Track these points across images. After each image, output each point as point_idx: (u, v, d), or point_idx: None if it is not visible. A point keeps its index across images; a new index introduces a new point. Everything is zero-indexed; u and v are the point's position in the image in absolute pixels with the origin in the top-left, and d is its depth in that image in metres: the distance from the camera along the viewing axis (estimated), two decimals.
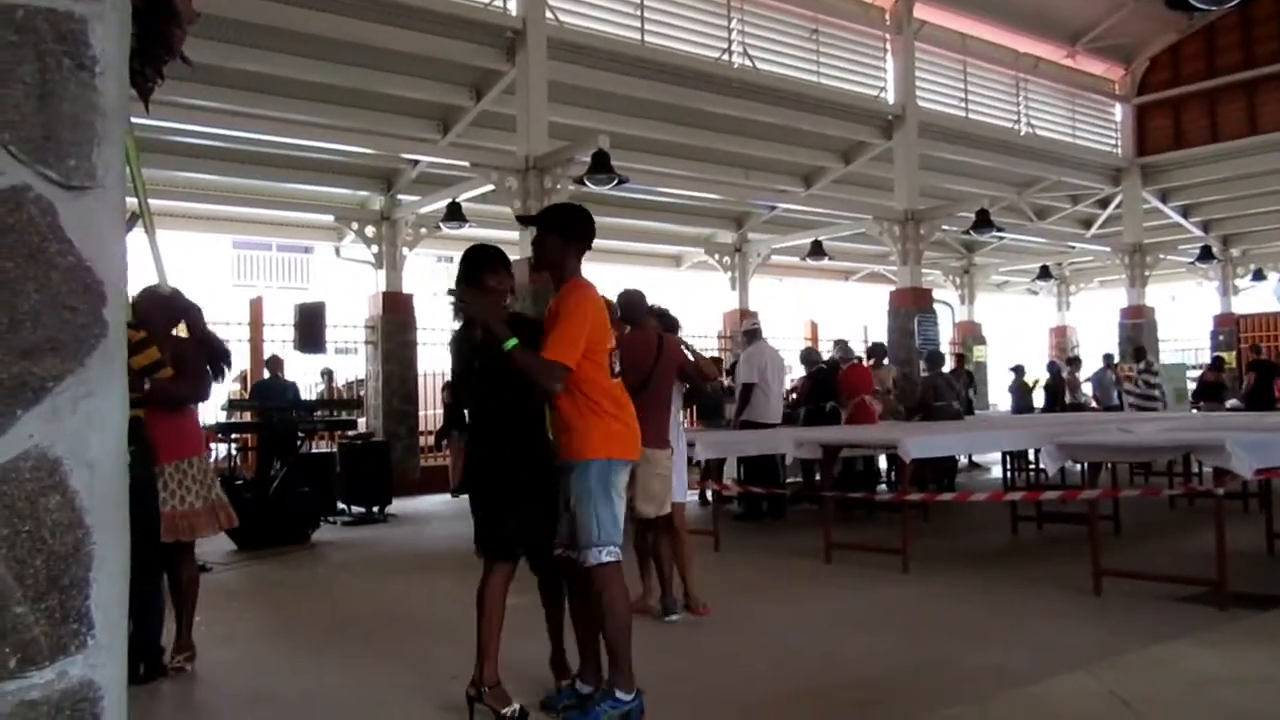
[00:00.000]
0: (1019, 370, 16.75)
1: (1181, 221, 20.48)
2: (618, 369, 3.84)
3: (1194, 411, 14.89)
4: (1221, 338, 20.53)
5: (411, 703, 4.10)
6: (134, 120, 1.39)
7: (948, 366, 13.09)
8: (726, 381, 11.59)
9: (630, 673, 3.68)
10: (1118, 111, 19.79)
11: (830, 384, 10.86)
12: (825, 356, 11.98)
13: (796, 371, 12.80)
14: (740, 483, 9.31)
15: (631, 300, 5.61)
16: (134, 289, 4.49)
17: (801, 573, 7.01)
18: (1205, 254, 18.81)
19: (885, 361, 12.50)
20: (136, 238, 1.79)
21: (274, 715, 4.08)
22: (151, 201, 2.11)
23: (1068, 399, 16.19)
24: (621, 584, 3.73)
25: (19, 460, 1.09)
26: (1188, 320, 22.16)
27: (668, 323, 5.99)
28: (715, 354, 15.22)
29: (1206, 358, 19.10)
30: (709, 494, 9.54)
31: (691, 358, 6.00)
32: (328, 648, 5.14)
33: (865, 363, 11.65)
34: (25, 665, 1.08)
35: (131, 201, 1.41)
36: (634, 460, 3.85)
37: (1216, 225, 21.02)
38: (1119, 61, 19.26)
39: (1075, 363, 17.24)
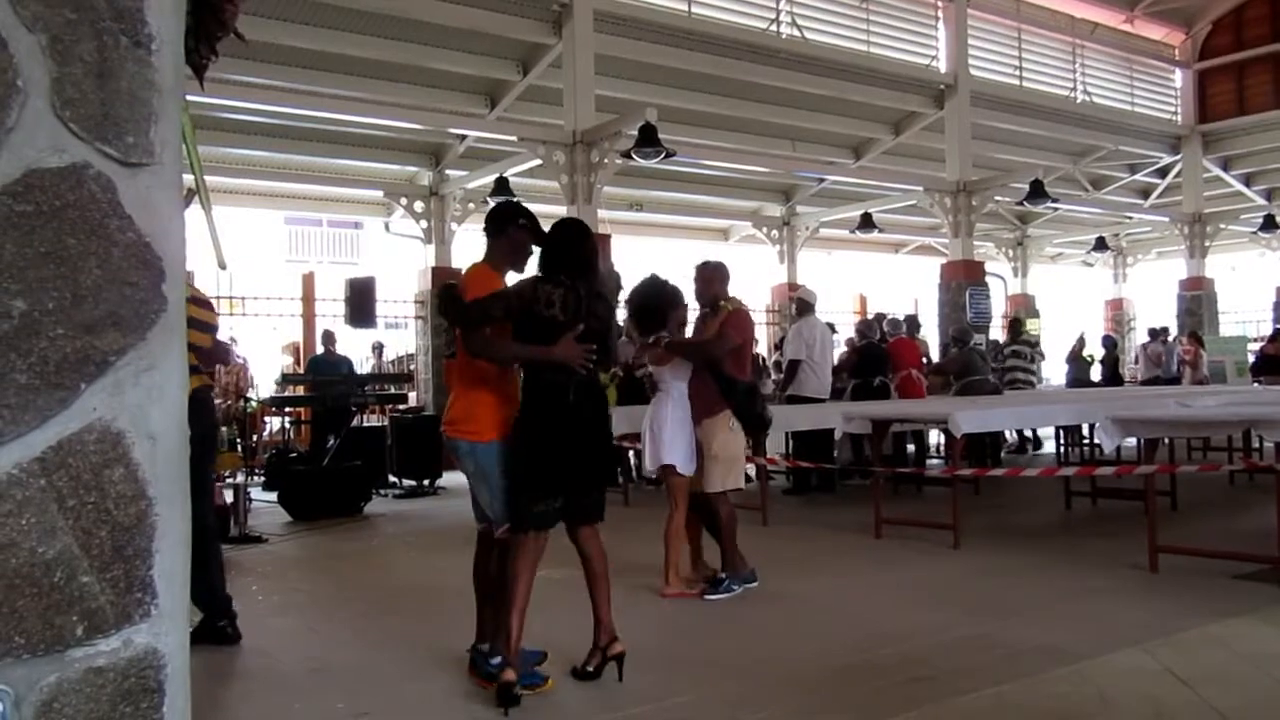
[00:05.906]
0: (1081, 341, 16.39)
1: (1243, 190, 19.94)
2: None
3: (1255, 385, 14.54)
4: None
5: (462, 673, 4.15)
6: (189, 98, 1.40)
7: (1002, 337, 12.81)
8: (774, 356, 11.47)
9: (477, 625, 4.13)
10: (1178, 77, 19.27)
11: (879, 358, 10.73)
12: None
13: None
14: (789, 457, 9.26)
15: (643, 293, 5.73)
16: (191, 265, 4.60)
17: (850, 547, 6.97)
18: (1268, 223, 18.26)
19: (919, 335, 12.27)
20: (193, 214, 1.81)
21: (328, 684, 4.15)
22: (206, 178, 2.13)
23: (1150, 374, 15.76)
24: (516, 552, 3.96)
25: (84, 433, 1.11)
26: (1249, 292, 21.60)
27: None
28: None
29: (1268, 330, 18.60)
30: (753, 469, 9.50)
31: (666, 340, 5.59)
32: (381, 618, 5.23)
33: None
34: (92, 633, 1.10)
35: (188, 178, 1.42)
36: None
37: None
38: (1179, 25, 18.73)
39: (1163, 334, 16.64)
